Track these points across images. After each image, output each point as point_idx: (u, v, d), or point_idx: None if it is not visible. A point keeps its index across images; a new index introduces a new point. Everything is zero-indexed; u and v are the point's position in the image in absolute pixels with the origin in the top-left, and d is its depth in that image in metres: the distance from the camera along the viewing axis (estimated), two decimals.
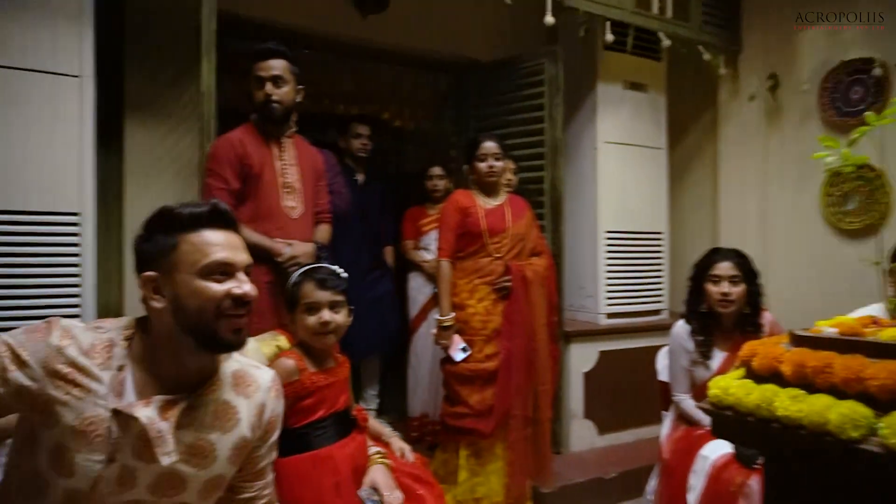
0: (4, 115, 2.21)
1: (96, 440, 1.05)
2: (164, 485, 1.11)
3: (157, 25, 2.84)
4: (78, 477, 1.04)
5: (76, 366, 1.06)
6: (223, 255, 1.12)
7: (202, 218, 1.13)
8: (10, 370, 1.03)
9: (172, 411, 1.10)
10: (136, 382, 1.10)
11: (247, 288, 1.13)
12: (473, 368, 2.62)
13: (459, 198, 2.75)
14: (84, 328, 1.11)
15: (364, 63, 3.99)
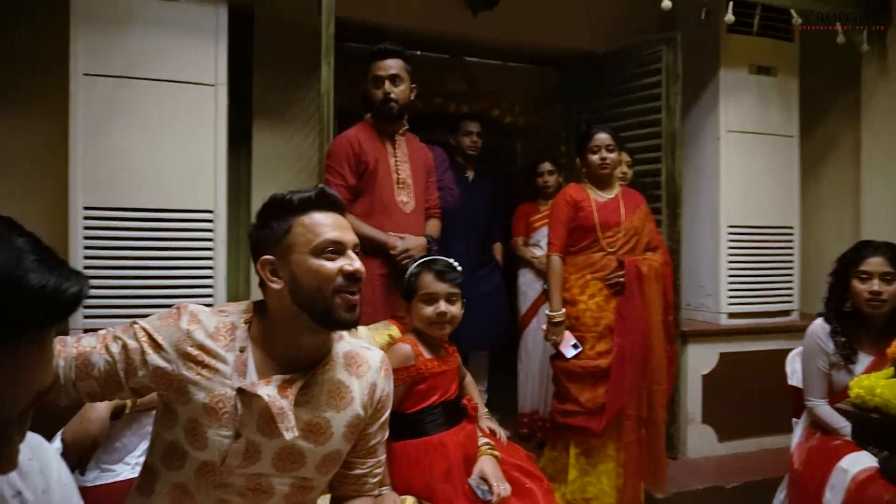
0: (149, 123, 2.45)
1: (224, 416, 1.13)
2: (286, 459, 1.18)
3: (280, 35, 3.02)
4: (210, 450, 1.13)
5: (203, 348, 1.14)
6: (334, 234, 1.17)
7: (311, 201, 1.19)
8: (148, 353, 1.12)
9: (291, 389, 1.15)
10: (257, 362, 1.17)
11: (357, 265, 1.18)
12: (584, 365, 2.56)
13: (571, 191, 2.70)
14: (209, 313, 1.19)
15: (475, 60, 4.02)
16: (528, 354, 3.47)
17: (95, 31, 2.39)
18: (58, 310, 0.57)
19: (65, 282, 0.57)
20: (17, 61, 2.64)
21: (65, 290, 0.56)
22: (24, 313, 0.54)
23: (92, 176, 2.38)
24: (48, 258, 0.58)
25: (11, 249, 0.55)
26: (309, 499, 1.25)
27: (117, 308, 2.38)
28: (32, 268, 0.55)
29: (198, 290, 2.47)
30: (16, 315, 0.54)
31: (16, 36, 2.63)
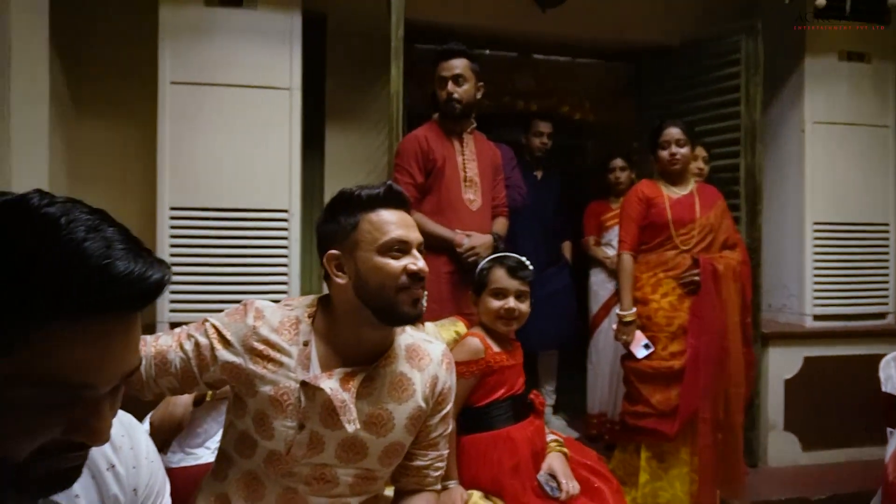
0: (228, 127, 2.57)
1: (289, 408, 1.16)
2: (349, 450, 1.20)
3: (352, 39, 3.10)
4: (276, 440, 1.17)
5: (268, 342, 1.17)
6: (399, 233, 1.18)
7: (378, 198, 1.20)
8: (217, 349, 1.18)
9: (353, 382, 1.18)
10: (321, 356, 1.20)
11: (421, 264, 1.19)
12: (656, 366, 2.49)
13: (643, 188, 2.63)
14: (274, 308, 1.23)
15: (543, 58, 3.99)
16: (598, 355, 3.41)
17: (181, 41, 2.54)
18: (143, 294, 0.61)
19: (149, 269, 0.61)
20: (113, 72, 2.82)
21: (149, 276, 0.60)
22: (112, 296, 0.59)
23: (177, 177, 2.53)
24: (135, 247, 0.62)
25: (103, 239, 0.59)
26: (373, 489, 1.27)
27: (199, 302, 2.51)
28: (120, 256, 0.59)
29: (273, 287, 2.57)
30: (105, 298, 0.58)
31: (110, 49, 2.81)
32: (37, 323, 0.56)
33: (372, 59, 3.03)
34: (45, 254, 0.57)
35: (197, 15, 2.56)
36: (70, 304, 0.57)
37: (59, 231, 0.58)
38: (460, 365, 1.61)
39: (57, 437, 0.61)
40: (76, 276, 0.57)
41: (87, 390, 0.61)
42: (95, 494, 0.76)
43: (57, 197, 0.61)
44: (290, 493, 1.20)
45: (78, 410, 0.61)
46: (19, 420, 0.59)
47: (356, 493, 1.23)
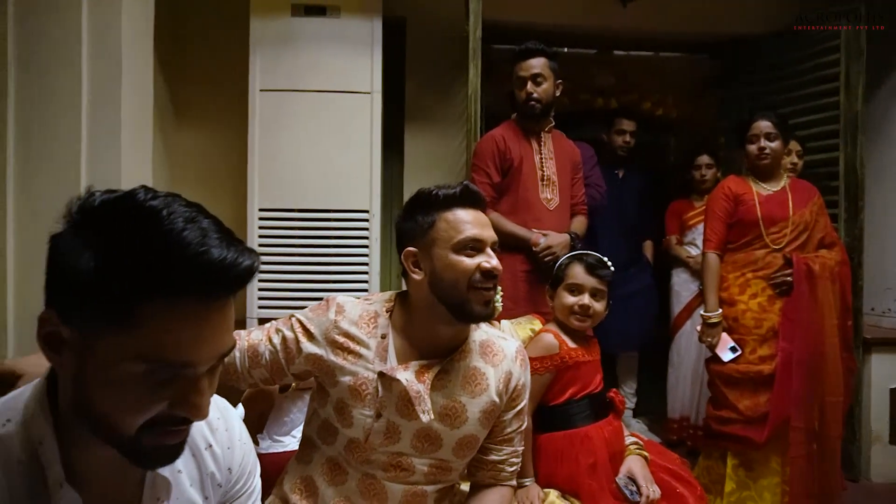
0: (312, 131, 2.68)
1: (367, 398, 1.22)
2: (423, 440, 1.25)
3: (431, 41, 3.15)
4: (355, 428, 1.23)
5: (349, 335, 1.24)
6: (474, 232, 1.22)
7: (455, 198, 1.24)
8: (302, 342, 1.25)
9: (428, 374, 1.23)
10: (397, 348, 1.25)
11: (495, 262, 1.22)
12: (744, 370, 2.37)
13: (730, 184, 2.52)
14: (355, 303, 1.29)
15: (623, 53, 3.90)
16: (680, 357, 3.30)
17: (269, 51, 2.67)
18: (235, 279, 0.67)
19: (240, 256, 0.66)
20: (208, 82, 3.01)
21: (240, 262, 0.66)
22: (208, 280, 0.65)
23: (265, 180, 2.66)
24: (228, 237, 0.68)
25: (199, 229, 0.65)
26: (447, 479, 1.30)
27: (285, 299, 2.64)
28: (215, 244, 0.65)
29: (354, 284, 2.66)
30: (201, 281, 0.64)
31: (206, 60, 3.00)
32: (142, 302, 0.63)
33: (450, 60, 3.07)
34: (148, 241, 0.63)
35: (284, 25, 2.68)
36: (170, 286, 0.63)
37: (161, 221, 0.64)
38: (534, 361, 1.61)
39: (163, 411, 0.67)
40: (175, 261, 0.63)
41: (187, 368, 0.67)
42: (195, 471, 0.82)
43: (159, 192, 0.68)
44: (368, 479, 1.26)
45: (180, 387, 0.67)
46: (130, 395, 0.65)
47: (431, 482, 1.27)
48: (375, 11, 2.72)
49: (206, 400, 0.69)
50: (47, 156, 2.00)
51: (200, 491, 0.82)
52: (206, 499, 0.83)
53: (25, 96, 1.99)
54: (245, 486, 0.90)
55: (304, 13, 2.69)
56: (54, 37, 1.99)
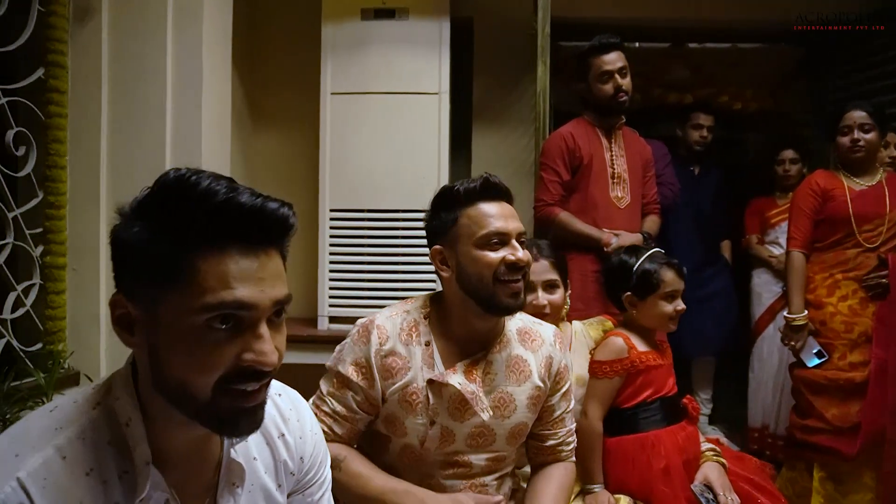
0: (382, 132, 2.71)
1: (418, 406, 1.24)
2: (477, 437, 1.27)
3: (498, 40, 3.14)
4: (409, 436, 1.25)
5: (395, 353, 1.25)
6: (497, 225, 1.21)
7: (476, 192, 1.23)
8: (364, 388, 1.25)
9: (476, 372, 1.25)
10: (441, 352, 1.27)
11: (520, 254, 1.21)
12: (832, 377, 2.23)
13: (819, 179, 2.38)
14: (393, 317, 1.29)
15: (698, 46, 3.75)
16: (761, 363, 3.14)
17: (340, 54, 2.73)
18: (268, 222, 0.70)
19: (269, 202, 0.70)
20: (281, 86, 3.11)
21: (268, 206, 0.70)
22: (241, 223, 0.68)
23: (336, 181, 2.72)
24: (260, 194, 0.71)
25: (227, 184, 0.69)
26: (503, 467, 1.34)
27: (355, 298, 2.69)
28: (244, 193, 0.69)
29: (421, 284, 2.67)
30: (236, 225, 0.68)
31: (279, 65, 3.10)
32: (188, 255, 0.67)
33: (517, 59, 3.05)
34: (181, 200, 0.68)
35: (354, 29, 2.73)
36: (208, 234, 0.67)
37: (189, 182, 0.68)
38: (603, 364, 1.58)
39: (231, 366, 0.69)
40: (208, 210, 0.67)
41: (244, 310, 0.69)
42: (269, 458, 0.85)
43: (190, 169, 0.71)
44: (427, 480, 1.28)
45: (242, 335, 0.69)
46: (198, 350, 0.68)
47: (488, 473, 1.30)
48: (443, 12, 2.74)
49: (269, 346, 0.70)
50: (136, 161, 2.14)
51: (274, 478, 0.85)
52: (280, 486, 0.86)
53: (117, 108, 2.14)
54: (316, 476, 0.92)
55: (373, 16, 2.74)
56: (142, 54, 2.13)
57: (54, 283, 2.01)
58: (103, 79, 2.12)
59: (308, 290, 2.79)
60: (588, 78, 2.37)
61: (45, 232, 2.01)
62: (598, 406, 1.56)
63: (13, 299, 1.91)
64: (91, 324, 2.09)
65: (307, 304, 2.81)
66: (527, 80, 2.99)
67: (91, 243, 2.10)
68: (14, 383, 1.69)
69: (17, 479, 0.65)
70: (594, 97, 2.37)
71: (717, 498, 1.47)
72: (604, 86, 2.33)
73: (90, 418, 0.72)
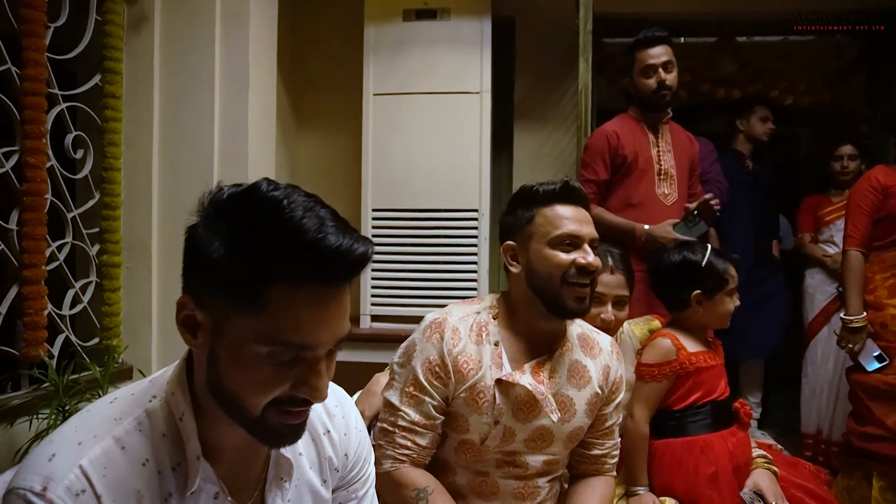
0: (424, 132, 2.73)
1: (484, 405, 1.24)
2: (537, 438, 1.27)
3: (540, 38, 3.12)
4: (472, 433, 1.26)
5: (466, 353, 1.26)
6: (572, 228, 1.22)
7: (555, 194, 1.25)
8: (438, 389, 1.24)
9: (542, 373, 1.26)
10: (509, 351, 1.27)
11: (591, 258, 1.21)
12: (893, 382, 2.13)
13: (878, 174, 2.28)
14: (463, 317, 1.29)
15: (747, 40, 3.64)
16: (814, 367, 3.02)
17: (382, 56, 2.76)
18: (351, 265, 0.69)
19: (356, 243, 0.69)
20: (325, 88, 3.16)
21: (355, 249, 0.69)
22: (325, 265, 0.68)
23: (378, 181, 2.75)
24: (343, 226, 0.71)
25: (317, 217, 0.69)
26: (556, 469, 1.34)
27: (398, 297, 2.70)
28: (332, 231, 0.68)
29: (464, 283, 2.68)
30: (319, 266, 0.68)
31: (323, 68, 3.15)
32: (266, 286, 0.67)
33: (559, 58, 3.02)
34: (270, 228, 0.67)
35: (396, 30, 2.76)
36: (291, 271, 0.67)
37: (282, 210, 0.68)
38: (651, 367, 1.54)
39: (285, 392, 0.71)
40: (295, 247, 0.67)
41: (307, 350, 0.70)
42: (314, 454, 0.86)
43: (280, 184, 0.72)
44: (480, 477, 1.28)
45: (301, 369, 0.71)
46: (256, 374, 0.69)
47: (542, 475, 1.30)
48: (485, 12, 2.73)
49: (324, 383, 0.72)
50: (185, 163, 2.21)
51: (319, 474, 0.86)
52: (325, 482, 0.87)
53: (168, 112, 2.21)
54: (360, 473, 0.93)
55: (415, 17, 2.75)
56: (192, 60, 2.20)
57: (110, 280, 2.09)
58: (155, 84, 2.19)
59: (351, 289, 2.82)
60: (632, 72, 2.33)
61: (102, 232, 2.09)
62: (644, 409, 1.53)
63: (71, 296, 2.00)
64: (143, 320, 2.17)
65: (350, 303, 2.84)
66: (569, 77, 2.96)
67: (144, 242, 2.17)
68: (73, 376, 1.76)
69: (80, 467, 0.68)
70: (637, 91, 2.33)
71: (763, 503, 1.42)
72: (647, 80, 2.28)
73: (147, 410, 0.74)
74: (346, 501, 0.92)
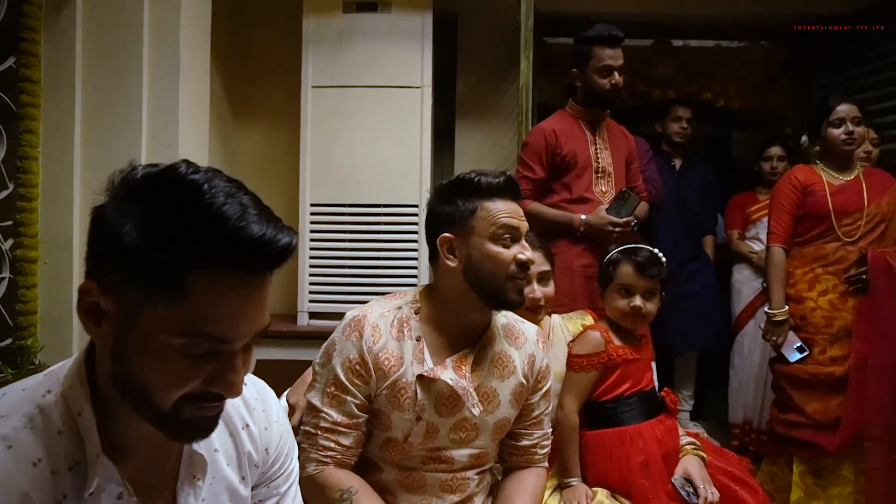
0: (364, 126, 2.69)
1: (405, 402, 1.22)
2: (461, 432, 1.27)
3: (482, 35, 3.12)
4: (394, 430, 1.24)
5: (387, 350, 1.23)
6: (514, 222, 1.23)
7: (498, 187, 1.24)
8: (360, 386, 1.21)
9: (465, 367, 1.24)
10: (431, 346, 1.26)
11: (529, 254, 1.24)
12: (812, 372, 2.24)
13: (798, 174, 2.38)
14: (383, 314, 1.26)
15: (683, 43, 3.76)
16: (742, 359, 3.15)
17: (321, 48, 2.70)
18: (273, 255, 0.66)
19: (279, 233, 0.66)
20: (263, 80, 3.08)
21: (279, 239, 0.66)
22: (246, 256, 0.65)
23: (316, 175, 2.69)
24: (267, 214, 0.68)
25: (239, 204, 0.65)
26: (484, 462, 1.33)
27: (336, 293, 2.66)
28: (254, 220, 0.65)
29: (403, 279, 2.65)
30: (240, 256, 0.64)
31: (260, 59, 3.07)
32: (182, 275, 0.63)
33: (502, 54, 3.04)
34: (189, 214, 0.64)
35: (336, 22, 2.70)
36: (210, 260, 0.63)
37: (202, 195, 0.64)
38: (580, 358, 1.57)
39: (198, 387, 0.67)
40: (215, 235, 0.63)
41: (224, 343, 0.67)
42: (232, 450, 0.83)
43: (200, 167, 0.68)
44: (406, 472, 1.27)
45: (216, 363, 0.67)
46: (167, 368, 0.66)
47: (470, 468, 1.30)
48: (426, 6, 2.71)
49: (240, 377, 0.69)
50: (111, 153, 2.09)
51: (237, 470, 0.83)
52: (243, 479, 0.83)
53: (92, 99, 2.08)
54: (283, 468, 0.90)
55: (355, 9, 2.71)
56: (118, 44, 2.08)
57: (25, 277, 1.97)
58: (77, 68, 2.06)
59: (288, 286, 2.76)
60: (586, 66, 2.31)
61: (16, 225, 1.96)
62: (574, 399, 1.55)
63: None
64: (63, 320, 2.04)
65: (287, 300, 2.78)
66: (511, 75, 2.98)
67: (64, 237, 2.05)
68: None
69: None
70: (588, 87, 2.32)
71: (696, 491, 1.46)
72: (602, 79, 2.28)
73: (39, 406, 0.69)
74: (267, 498, 0.89)
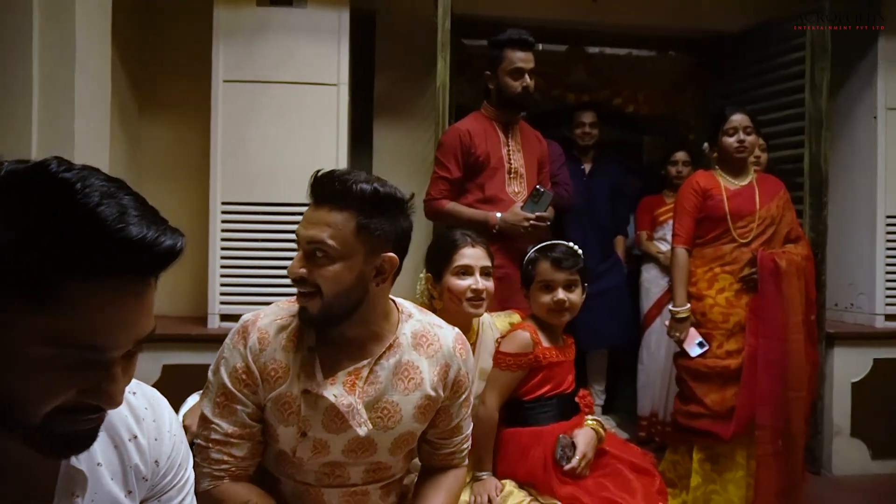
0: (278, 123, 2.62)
1: (290, 416, 1.14)
2: (356, 449, 1.18)
3: (400, 34, 3.11)
4: (282, 443, 1.17)
5: (275, 360, 1.15)
6: (299, 230, 1.21)
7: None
8: (248, 395, 1.15)
9: (358, 382, 1.15)
10: (324, 359, 1.16)
11: None
12: (711, 365, 2.38)
13: (699, 179, 2.52)
14: (276, 320, 1.18)
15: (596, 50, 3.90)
16: (650, 355, 3.30)
17: (234, 41, 2.61)
18: (155, 260, 0.63)
19: (162, 235, 0.62)
20: (172, 73, 2.93)
21: (161, 242, 0.62)
22: (125, 260, 0.61)
23: (228, 173, 2.60)
24: (150, 215, 0.64)
25: (117, 205, 0.61)
26: (387, 475, 1.25)
27: (248, 295, 2.58)
28: (134, 221, 0.61)
29: None
30: (118, 261, 0.61)
31: (169, 51, 2.92)
32: (53, 281, 0.59)
33: (420, 54, 3.03)
34: (60, 216, 0.59)
35: (249, 15, 2.62)
36: (84, 265, 0.59)
37: (74, 195, 0.60)
38: (508, 357, 1.59)
39: (72, 399, 0.63)
40: (89, 239, 0.59)
41: (98, 353, 0.62)
42: (117, 463, 0.78)
43: (74, 164, 0.63)
44: (303, 486, 1.21)
45: (91, 373, 0.63)
46: (36, 380, 0.61)
47: (370, 482, 1.23)
48: (343, 3, 2.68)
49: (119, 388, 0.65)
50: None
51: (123, 485, 0.78)
52: (130, 493, 0.78)
53: None
54: (175, 479, 0.85)
55: (269, 3, 2.64)
56: (3, 26, 1.91)
57: None
58: None
59: (198, 287, 2.66)
60: (498, 68, 2.35)
61: None
62: (496, 396, 1.58)
63: None
64: None
65: (196, 302, 2.68)
66: (430, 75, 2.97)
67: None
68: None
69: None
70: (500, 89, 2.36)
71: (570, 458, 1.50)
72: (514, 82, 2.33)
73: None
74: None
